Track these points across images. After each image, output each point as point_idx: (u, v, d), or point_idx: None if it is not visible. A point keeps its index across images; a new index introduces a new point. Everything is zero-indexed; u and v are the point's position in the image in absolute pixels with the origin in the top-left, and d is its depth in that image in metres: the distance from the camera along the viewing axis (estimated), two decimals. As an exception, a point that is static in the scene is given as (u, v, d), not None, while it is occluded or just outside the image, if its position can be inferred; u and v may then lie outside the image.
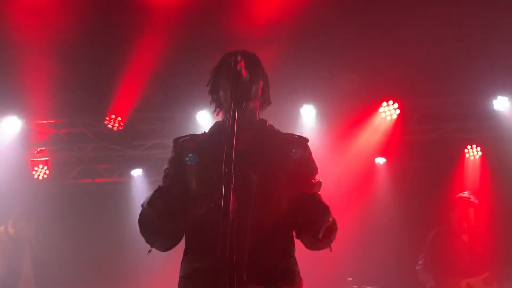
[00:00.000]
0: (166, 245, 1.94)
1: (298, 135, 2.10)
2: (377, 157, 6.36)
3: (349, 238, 5.77)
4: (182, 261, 1.91)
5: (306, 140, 2.08)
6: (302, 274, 1.93)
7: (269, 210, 1.85)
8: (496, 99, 5.74)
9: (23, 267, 5.12)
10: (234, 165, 1.75)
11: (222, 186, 1.51)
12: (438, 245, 4.71)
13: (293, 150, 1.98)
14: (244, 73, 1.80)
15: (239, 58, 1.76)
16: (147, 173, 6.58)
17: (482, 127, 6.11)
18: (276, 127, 2.10)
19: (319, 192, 1.97)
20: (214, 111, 2.11)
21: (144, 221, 1.84)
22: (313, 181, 1.97)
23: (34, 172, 6.38)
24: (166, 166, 2.03)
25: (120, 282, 6.21)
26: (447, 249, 4.64)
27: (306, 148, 2.04)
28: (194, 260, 1.85)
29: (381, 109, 5.79)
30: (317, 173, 2.04)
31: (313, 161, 2.05)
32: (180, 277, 1.90)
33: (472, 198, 4.75)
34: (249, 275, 1.76)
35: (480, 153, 6.22)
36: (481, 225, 4.87)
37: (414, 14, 4.80)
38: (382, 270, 5.77)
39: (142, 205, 1.81)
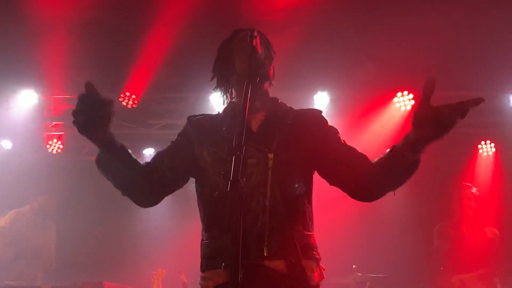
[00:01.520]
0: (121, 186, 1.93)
1: (311, 109, 2.08)
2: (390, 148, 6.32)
3: (356, 228, 5.80)
4: (201, 241, 1.91)
5: (320, 111, 2.05)
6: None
7: (287, 187, 1.83)
8: (512, 95, 5.67)
9: (47, 240, 5.21)
10: (249, 146, 1.74)
11: (235, 163, 1.49)
12: (443, 238, 4.70)
13: (308, 125, 1.94)
14: (259, 49, 1.79)
15: (255, 33, 1.74)
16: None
17: (497, 123, 6.03)
18: (289, 106, 2.07)
19: (358, 151, 1.93)
20: (216, 87, 2.08)
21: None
22: (340, 142, 1.94)
23: (48, 146, 6.48)
24: (176, 137, 2.03)
25: (128, 259, 6.33)
26: (445, 242, 4.63)
27: (321, 118, 2.01)
28: (212, 239, 1.85)
29: (395, 99, 5.74)
30: (338, 132, 1.99)
31: (331, 127, 2.00)
32: (201, 257, 1.89)
33: (474, 190, 4.72)
34: (269, 249, 1.76)
35: (493, 149, 6.16)
36: (489, 221, 4.84)
37: (434, 5, 4.72)
38: (387, 258, 5.79)
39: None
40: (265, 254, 1.75)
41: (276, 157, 1.83)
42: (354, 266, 4.99)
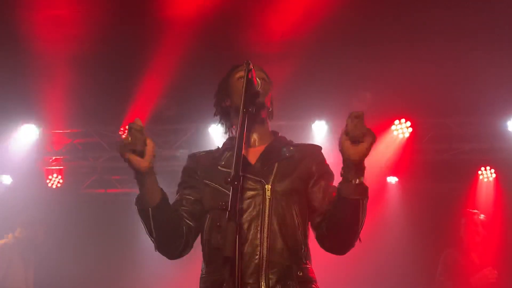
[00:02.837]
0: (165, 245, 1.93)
1: (311, 144, 2.10)
2: (389, 176, 6.32)
3: (359, 256, 5.71)
4: (201, 273, 1.91)
5: (319, 147, 2.08)
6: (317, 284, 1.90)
7: (284, 219, 1.85)
8: (510, 120, 5.69)
9: (27, 272, 5.10)
10: (247, 178, 1.82)
11: (232, 193, 1.52)
12: (450, 266, 4.63)
13: (305, 159, 1.97)
14: (255, 81, 1.83)
15: (250, 66, 1.79)
16: (160, 184, 6.61)
17: (496, 149, 6.03)
18: (289, 139, 2.10)
19: None
20: (219, 122, 2.13)
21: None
22: (329, 184, 1.97)
23: (48, 181, 6.47)
24: (180, 180, 2.06)
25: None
26: (456, 270, 4.55)
27: (319, 154, 2.03)
28: (212, 272, 1.85)
29: (393, 127, 5.77)
30: (333, 178, 2.02)
31: (327, 166, 2.03)
32: None
33: (482, 216, 4.68)
34: (267, 283, 1.76)
35: (494, 175, 6.14)
36: (493, 247, 4.78)
37: (428, 32, 4.81)
38: (391, 286, 5.69)
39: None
40: None
41: (273, 189, 1.86)
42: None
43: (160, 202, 1.83)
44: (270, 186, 1.85)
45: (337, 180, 2.02)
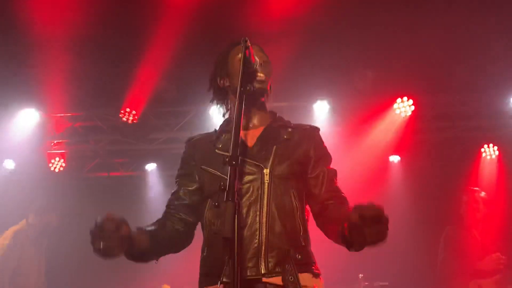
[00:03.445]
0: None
1: (309, 125, 2.08)
2: (392, 155, 6.31)
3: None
4: (201, 255, 1.92)
5: (317, 129, 2.06)
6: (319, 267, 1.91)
7: (283, 203, 1.85)
8: (513, 97, 5.65)
9: (39, 258, 5.17)
10: (245, 162, 1.83)
11: (230, 173, 1.52)
12: (451, 243, 4.64)
13: (303, 142, 1.97)
14: (253, 59, 1.79)
15: (248, 43, 1.74)
16: (161, 167, 6.63)
17: (500, 126, 6.00)
18: (287, 120, 2.08)
19: (335, 182, 1.97)
20: (212, 101, 2.10)
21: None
22: (327, 168, 1.97)
23: (50, 165, 6.49)
24: (179, 167, 2.07)
25: (131, 276, 6.29)
26: (459, 246, 4.57)
27: (317, 137, 2.02)
28: (212, 255, 1.86)
29: (395, 106, 5.73)
30: (331, 159, 2.02)
31: (325, 148, 2.03)
32: (200, 274, 1.91)
33: (483, 194, 4.69)
34: (266, 266, 1.77)
35: (497, 152, 6.11)
36: (495, 225, 4.79)
37: (432, 10, 4.74)
38: (394, 267, 5.72)
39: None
40: (262, 272, 1.77)
41: (272, 173, 1.86)
42: (360, 276, 4.93)
43: (148, 243, 1.84)
44: (268, 171, 1.85)
45: (334, 162, 2.03)
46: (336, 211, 1.84)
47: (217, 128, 2.07)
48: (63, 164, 6.50)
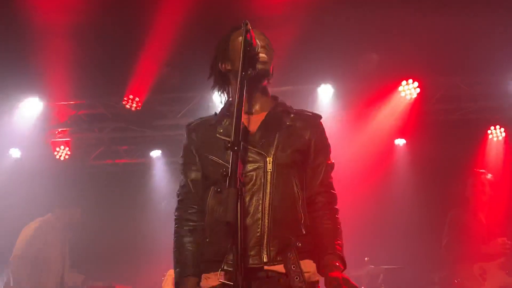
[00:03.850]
0: None
1: (311, 112, 2.06)
2: (397, 138, 6.27)
3: (367, 219, 5.75)
4: (202, 244, 1.91)
5: (319, 117, 2.05)
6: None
7: (286, 191, 1.85)
8: (520, 78, 5.58)
9: (63, 250, 5.22)
10: (248, 149, 1.82)
11: (232, 158, 1.50)
12: (456, 226, 4.62)
13: (306, 130, 1.96)
14: (255, 42, 1.77)
15: (248, 27, 1.72)
16: (166, 153, 6.65)
17: (506, 107, 5.94)
18: (289, 105, 2.06)
19: (330, 177, 1.98)
20: (213, 87, 2.07)
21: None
22: (327, 162, 1.97)
23: (56, 153, 6.51)
24: (181, 154, 2.05)
25: (139, 262, 6.34)
26: (464, 230, 4.55)
27: (319, 126, 2.01)
28: (214, 242, 1.85)
29: (400, 88, 5.67)
30: (330, 150, 2.02)
31: (326, 139, 2.02)
32: (201, 261, 1.90)
33: (489, 176, 4.65)
34: (268, 255, 1.77)
35: (503, 134, 6.06)
36: (501, 207, 4.77)
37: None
38: (400, 250, 5.73)
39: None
40: (264, 260, 1.77)
41: (274, 161, 1.85)
42: (366, 259, 4.94)
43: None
44: (271, 159, 1.84)
45: (335, 149, 2.03)
46: (325, 222, 1.91)
47: (217, 112, 2.05)
48: (68, 152, 6.52)
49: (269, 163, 1.83)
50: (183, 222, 1.96)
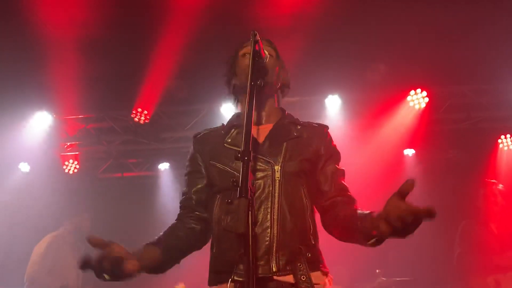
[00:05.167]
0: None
1: (317, 123, 2.07)
2: (406, 148, 6.23)
3: (377, 231, 5.68)
4: (211, 251, 1.90)
5: (326, 127, 2.05)
6: (329, 266, 1.90)
7: (294, 200, 1.84)
8: (530, 86, 5.54)
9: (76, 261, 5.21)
10: (257, 158, 1.82)
11: (243, 168, 1.49)
12: (467, 238, 4.56)
13: (313, 139, 1.96)
14: (263, 53, 1.78)
15: (257, 37, 1.73)
16: (174, 166, 6.65)
17: (516, 116, 5.89)
18: (297, 117, 2.07)
19: (343, 181, 1.96)
20: (234, 100, 2.11)
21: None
22: (336, 166, 1.96)
23: (64, 167, 6.53)
24: (186, 164, 2.05)
25: (147, 275, 6.30)
26: (475, 241, 4.48)
27: (327, 135, 2.01)
28: (224, 252, 1.83)
29: (409, 98, 5.65)
30: (340, 158, 2.01)
31: (335, 146, 2.02)
32: (209, 271, 1.88)
33: (501, 186, 4.60)
34: (277, 265, 1.75)
35: (514, 143, 6.01)
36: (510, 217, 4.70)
37: (445, 1, 4.65)
38: (411, 262, 5.66)
39: None
40: (273, 270, 1.75)
41: (282, 170, 1.84)
42: (377, 271, 4.88)
43: (161, 255, 1.83)
44: (279, 167, 1.84)
45: (343, 160, 2.01)
46: (347, 207, 1.83)
47: (225, 123, 2.06)
48: (77, 166, 6.55)
49: (277, 171, 1.83)
50: (182, 220, 1.97)
